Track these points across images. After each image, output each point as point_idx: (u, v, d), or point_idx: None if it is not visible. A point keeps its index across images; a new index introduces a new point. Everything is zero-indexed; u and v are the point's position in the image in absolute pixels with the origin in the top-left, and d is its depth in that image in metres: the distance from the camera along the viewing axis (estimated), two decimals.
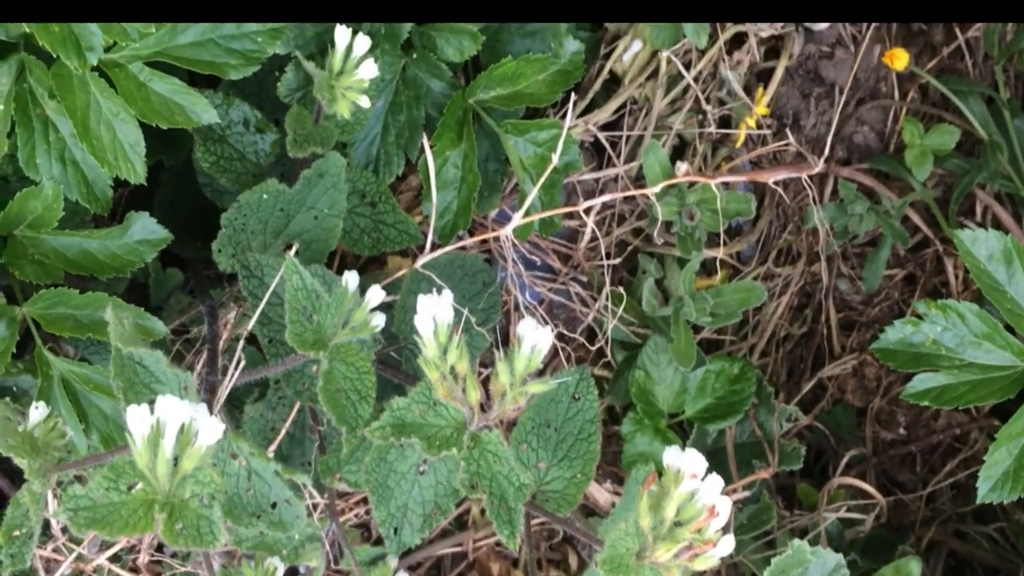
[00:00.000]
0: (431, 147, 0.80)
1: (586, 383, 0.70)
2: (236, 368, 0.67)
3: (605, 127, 1.04)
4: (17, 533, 0.60)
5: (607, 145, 1.03)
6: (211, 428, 0.52)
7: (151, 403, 0.51)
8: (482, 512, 1.02)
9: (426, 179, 0.81)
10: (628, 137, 1.04)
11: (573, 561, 1.09)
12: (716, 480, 0.56)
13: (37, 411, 0.61)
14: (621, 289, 1.07)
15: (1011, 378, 0.77)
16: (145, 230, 0.69)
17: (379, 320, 0.67)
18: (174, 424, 0.51)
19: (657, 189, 0.84)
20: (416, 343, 0.66)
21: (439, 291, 0.62)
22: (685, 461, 0.57)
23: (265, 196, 0.69)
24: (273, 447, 0.88)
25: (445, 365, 0.61)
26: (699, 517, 0.56)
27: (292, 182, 0.76)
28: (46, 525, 0.84)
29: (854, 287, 1.15)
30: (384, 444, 0.74)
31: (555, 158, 0.77)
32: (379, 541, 0.90)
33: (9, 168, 0.66)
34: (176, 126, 0.64)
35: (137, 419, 0.51)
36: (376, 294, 0.66)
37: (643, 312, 1.04)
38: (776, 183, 1.05)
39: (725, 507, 0.56)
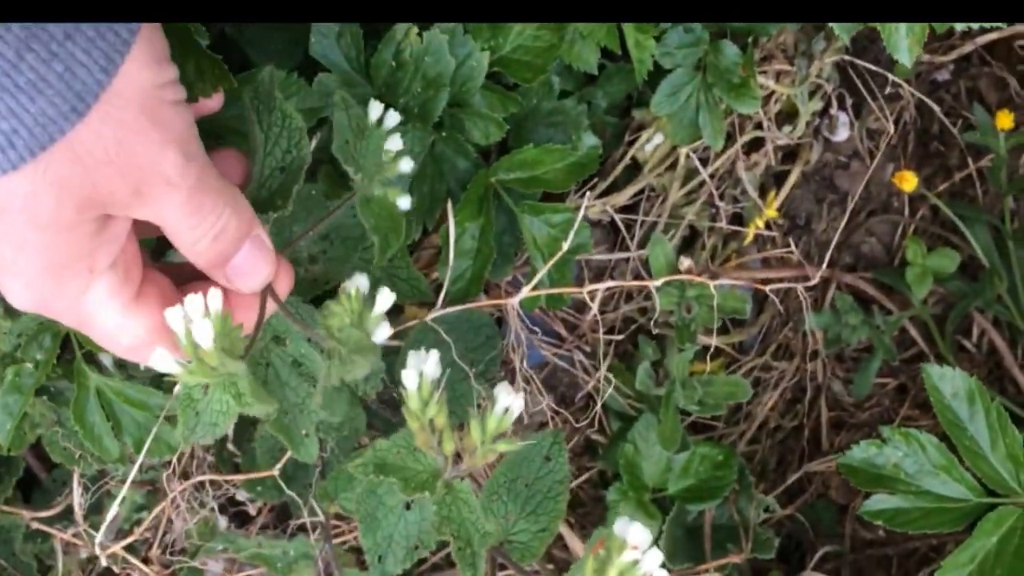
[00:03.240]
0: (453, 217, 0.87)
1: (558, 446, 0.76)
2: None
3: (622, 209, 1.11)
4: None
5: (622, 227, 1.10)
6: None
7: None
8: None
9: (445, 246, 0.88)
10: (643, 222, 1.11)
11: None
12: (656, 554, 0.62)
13: None
14: (621, 364, 1.13)
15: (962, 511, 0.82)
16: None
17: (386, 329, 0.69)
18: None
19: (659, 283, 0.90)
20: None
21: (431, 348, 0.68)
22: (631, 533, 0.63)
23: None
24: (279, 466, 0.94)
25: (425, 417, 0.67)
26: None
27: None
28: (69, 512, 0.91)
29: (847, 389, 1.19)
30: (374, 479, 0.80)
31: (566, 244, 0.84)
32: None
33: None
34: None
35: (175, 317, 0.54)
36: (386, 298, 0.68)
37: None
38: (778, 284, 1.10)
39: None
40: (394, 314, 1.06)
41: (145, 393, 0.77)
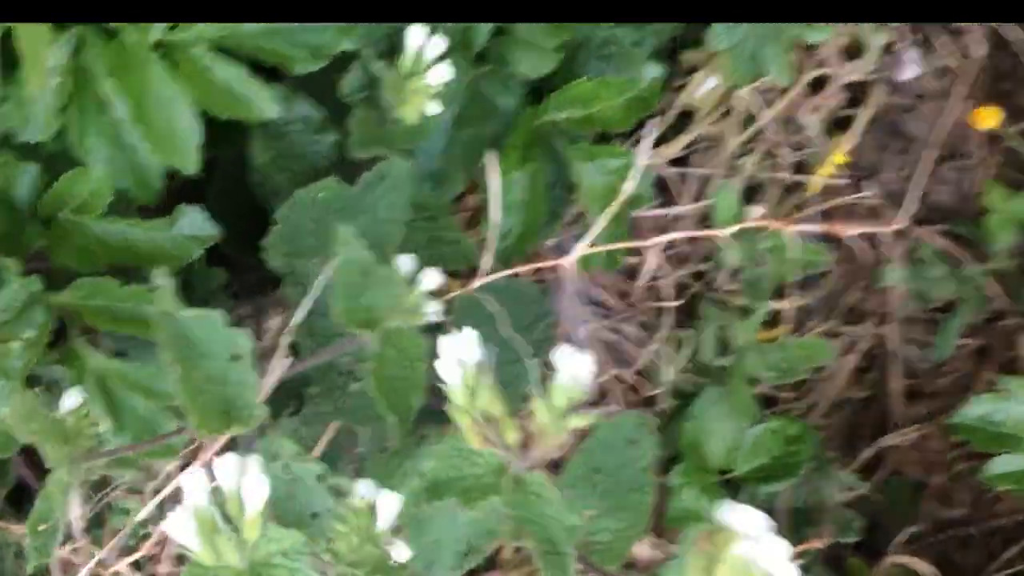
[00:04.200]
0: (498, 166, 0.76)
1: (643, 428, 0.65)
2: (279, 368, 0.62)
3: (673, 163, 1.01)
4: (43, 526, 0.56)
5: (674, 182, 0.99)
6: (255, 491, 0.47)
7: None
8: (517, 550, 0.97)
9: (489, 200, 0.77)
10: (696, 176, 1.01)
11: None
12: (779, 544, 0.51)
13: (70, 399, 0.57)
14: (675, 335, 1.03)
15: None
16: (193, 225, 0.65)
17: (435, 307, 0.62)
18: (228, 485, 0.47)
19: (731, 231, 0.79)
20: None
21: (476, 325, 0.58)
22: (741, 519, 0.51)
23: (322, 195, 0.66)
24: None
25: (476, 410, 0.57)
26: None
27: None
28: (67, 526, 0.80)
29: (922, 354, 1.09)
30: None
31: (628, 185, 0.73)
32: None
33: (58, 146, 0.63)
34: (235, 117, 0.61)
35: (179, 522, 0.46)
36: (433, 277, 0.61)
37: (699, 360, 0.99)
38: (849, 238, 1.01)
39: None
40: None
41: (152, 377, 0.66)
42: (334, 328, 0.70)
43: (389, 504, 0.57)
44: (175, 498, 0.79)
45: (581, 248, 0.76)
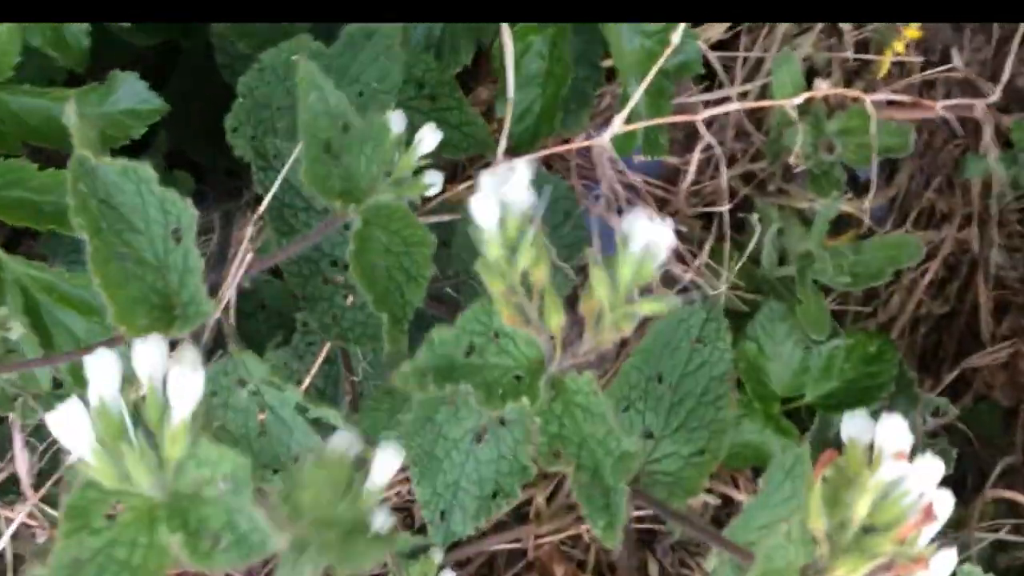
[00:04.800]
0: (511, 29, 0.63)
1: (715, 324, 0.51)
2: (241, 266, 0.50)
3: (717, 46, 0.87)
4: None
5: (719, 68, 0.85)
6: (185, 389, 0.34)
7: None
8: (548, 501, 0.84)
9: (502, 70, 0.63)
10: (745, 60, 0.87)
11: (653, 569, 0.90)
12: (934, 464, 0.37)
13: None
14: (721, 247, 0.89)
15: None
16: (133, 95, 0.53)
17: (435, 179, 0.49)
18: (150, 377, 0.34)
19: (797, 101, 0.65)
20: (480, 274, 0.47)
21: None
22: (884, 433, 0.38)
23: (295, 57, 0.53)
24: None
25: (515, 272, 0.43)
26: (905, 520, 0.37)
27: None
28: (13, 481, 0.67)
29: (1011, 261, 0.95)
30: (430, 400, 0.55)
31: (674, 40, 0.59)
32: (423, 528, 0.73)
33: None
34: None
35: (68, 417, 0.33)
36: (431, 136, 0.48)
37: (754, 273, 0.85)
38: (927, 125, 0.86)
39: (946, 506, 0.37)
40: None
41: (88, 287, 0.53)
42: (316, 219, 0.57)
43: (387, 460, 0.43)
44: None
45: (618, 123, 0.63)
